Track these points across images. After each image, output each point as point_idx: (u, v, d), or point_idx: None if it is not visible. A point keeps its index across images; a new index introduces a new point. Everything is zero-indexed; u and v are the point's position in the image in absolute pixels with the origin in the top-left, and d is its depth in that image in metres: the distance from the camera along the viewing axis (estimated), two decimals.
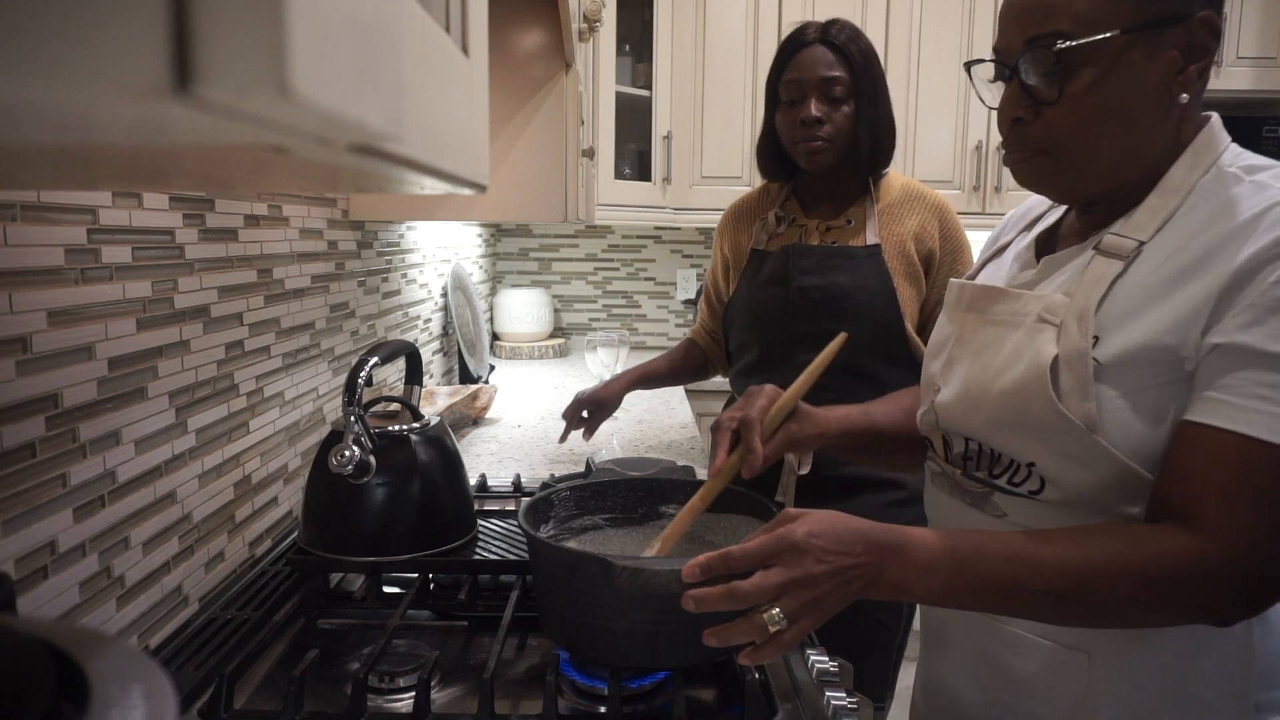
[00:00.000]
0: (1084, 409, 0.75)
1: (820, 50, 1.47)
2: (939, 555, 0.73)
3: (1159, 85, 0.75)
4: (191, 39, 0.17)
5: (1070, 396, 0.75)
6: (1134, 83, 0.75)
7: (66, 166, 0.34)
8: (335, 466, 0.98)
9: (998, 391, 0.81)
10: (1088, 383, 0.74)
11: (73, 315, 0.81)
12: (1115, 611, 0.72)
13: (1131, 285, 0.76)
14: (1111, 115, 0.76)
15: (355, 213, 1.58)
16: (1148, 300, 0.74)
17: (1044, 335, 0.78)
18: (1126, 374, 0.74)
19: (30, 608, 0.76)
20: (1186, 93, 0.76)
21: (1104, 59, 0.75)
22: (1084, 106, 0.76)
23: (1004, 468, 0.82)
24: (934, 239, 1.51)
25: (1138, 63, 0.75)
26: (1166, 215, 0.77)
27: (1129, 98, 0.76)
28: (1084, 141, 0.78)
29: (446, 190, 0.42)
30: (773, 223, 1.58)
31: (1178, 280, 0.73)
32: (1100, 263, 0.78)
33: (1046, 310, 0.79)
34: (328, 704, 0.88)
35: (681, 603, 0.72)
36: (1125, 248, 0.77)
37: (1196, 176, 0.77)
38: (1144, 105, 0.76)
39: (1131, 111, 0.76)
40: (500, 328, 3.04)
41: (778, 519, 0.74)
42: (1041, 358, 0.77)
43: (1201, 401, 0.71)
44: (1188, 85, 0.76)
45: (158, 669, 0.32)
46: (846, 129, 1.48)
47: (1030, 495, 0.80)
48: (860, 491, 1.50)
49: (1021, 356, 0.80)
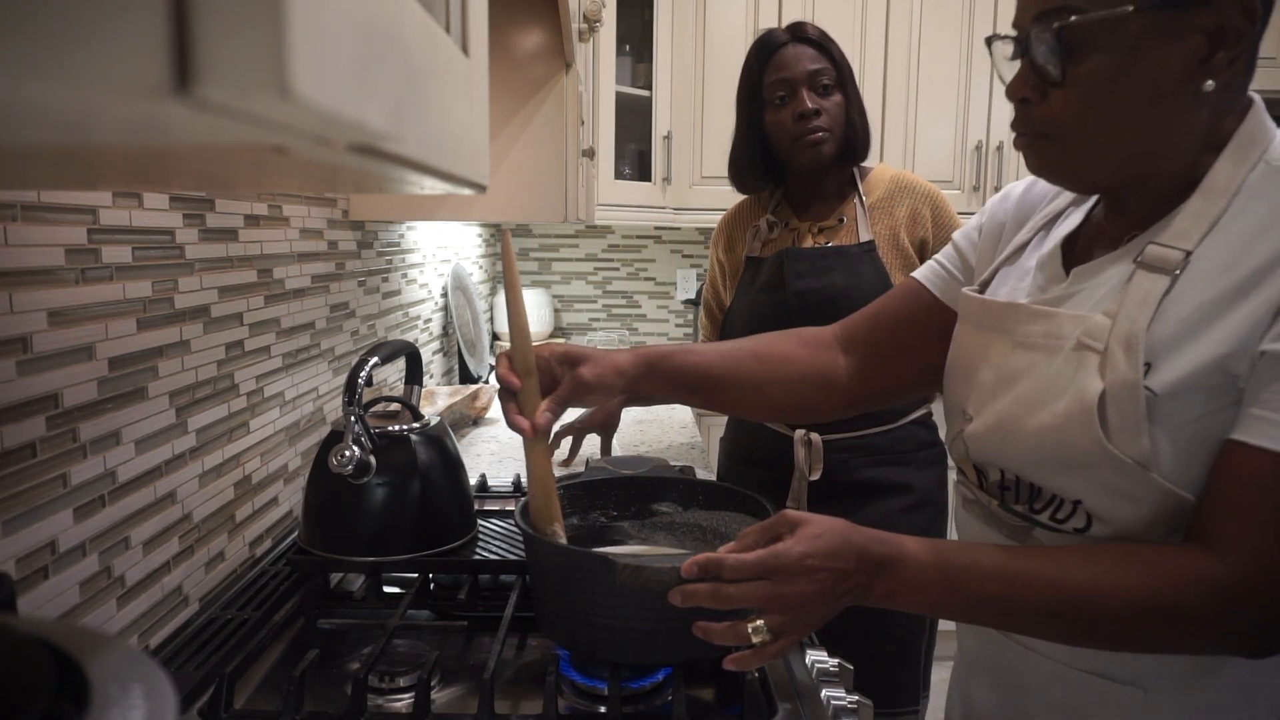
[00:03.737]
0: (1138, 446, 0.67)
1: (798, 48, 1.50)
2: (930, 571, 0.71)
3: (1179, 72, 0.66)
4: (191, 39, 0.17)
5: (1120, 433, 0.67)
6: (1149, 67, 0.67)
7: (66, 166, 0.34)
8: (335, 466, 0.98)
9: (1036, 427, 0.73)
10: (1140, 418, 0.66)
11: (73, 315, 0.81)
12: (1120, 637, 0.68)
13: (1182, 303, 0.67)
14: (1120, 102, 0.68)
15: (355, 213, 1.58)
16: (1202, 320, 0.66)
17: (1087, 366, 0.70)
18: (1184, 403, 0.66)
19: (30, 608, 0.76)
20: (1212, 81, 0.66)
21: (1114, 39, 0.67)
22: (1090, 90, 0.69)
23: (1045, 502, 0.75)
24: (926, 227, 1.50)
25: (1154, 45, 0.66)
26: (1212, 219, 0.68)
27: (1142, 84, 0.67)
28: (1088, 128, 0.70)
29: (446, 190, 0.42)
30: (765, 229, 1.58)
31: (1235, 295, 0.65)
32: (1144, 278, 0.69)
33: (1087, 334, 0.70)
34: (328, 704, 0.88)
35: (669, 597, 0.74)
36: (1171, 260, 0.68)
37: (1244, 173, 0.69)
38: (1160, 94, 0.67)
39: (1144, 100, 0.68)
40: (500, 328, 3.03)
41: (776, 519, 0.74)
42: (1087, 394, 0.68)
43: (1241, 416, 0.65)
44: (1214, 73, 0.66)
45: (158, 669, 0.32)
46: (840, 117, 1.50)
47: (1076, 533, 0.73)
48: (872, 497, 1.50)
49: (1062, 390, 0.71)
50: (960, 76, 2.80)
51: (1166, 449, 0.67)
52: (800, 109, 1.47)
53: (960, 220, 1.53)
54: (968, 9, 2.77)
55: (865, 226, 1.51)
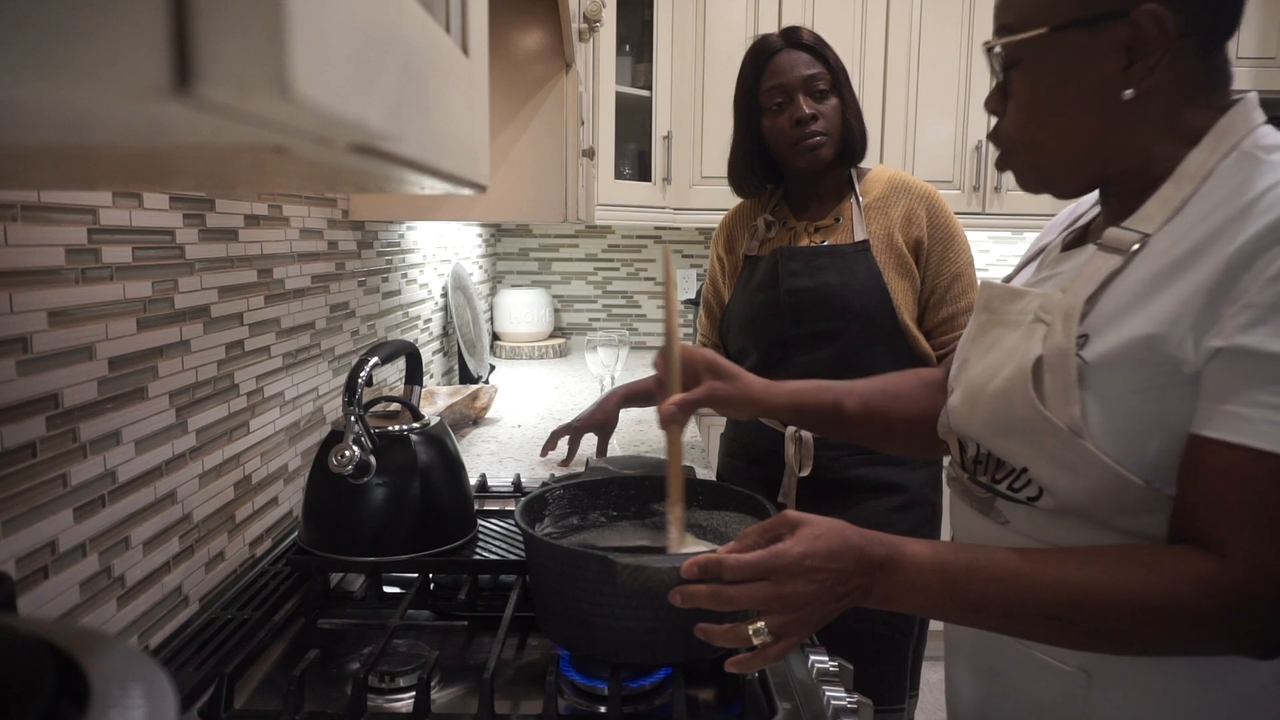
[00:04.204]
0: (1068, 412, 0.71)
1: (793, 53, 1.51)
2: (928, 574, 0.71)
3: (1100, 82, 0.73)
4: (191, 39, 0.17)
5: (1054, 399, 0.72)
6: (1071, 80, 0.74)
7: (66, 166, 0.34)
8: (335, 466, 0.98)
9: (990, 393, 0.79)
10: (1071, 385, 0.71)
11: (73, 315, 0.81)
12: (1121, 639, 0.68)
13: (1129, 280, 0.72)
14: (1049, 111, 0.76)
15: (355, 213, 1.58)
16: (1140, 296, 0.70)
17: (1036, 335, 0.76)
18: (1115, 375, 0.70)
19: (31, 608, 0.76)
20: (1132, 90, 0.72)
21: (1039, 54, 0.75)
22: (1026, 102, 0.77)
23: (1005, 473, 0.80)
24: (921, 227, 1.50)
25: (1073, 58, 0.73)
26: (1178, 204, 0.71)
27: (1068, 95, 0.75)
28: (1030, 136, 0.78)
29: (446, 190, 0.42)
30: (763, 228, 1.60)
31: (1171, 272, 0.69)
32: (1099, 258, 0.75)
33: (1042, 309, 0.76)
34: (328, 704, 0.88)
35: (669, 597, 0.74)
36: (1126, 241, 0.73)
37: (1215, 160, 0.71)
38: (1088, 102, 0.74)
39: (1075, 108, 0.75)
40: (500, 328, 3.04)
41: (777, 520, 0.74)
42: (1026, 358, 0.75)
43: (1206, 413, 0.66)
44: (1133, 83, 0.72)
45: (158, 669, 0.32)
46: (837, 120, 1.51)
47: (1029, 502, 0.77)
48: (862, 496, 1.50)
49: (1013, 357, 0.77)
50: (960, 76, 2.80)
51: (1097, 419, 0.70)
52: (797, 114, 1.48)
53: (957, 220, 1.54)
54: (968, 9, 2.77)
55: (860, 226, 1.51)
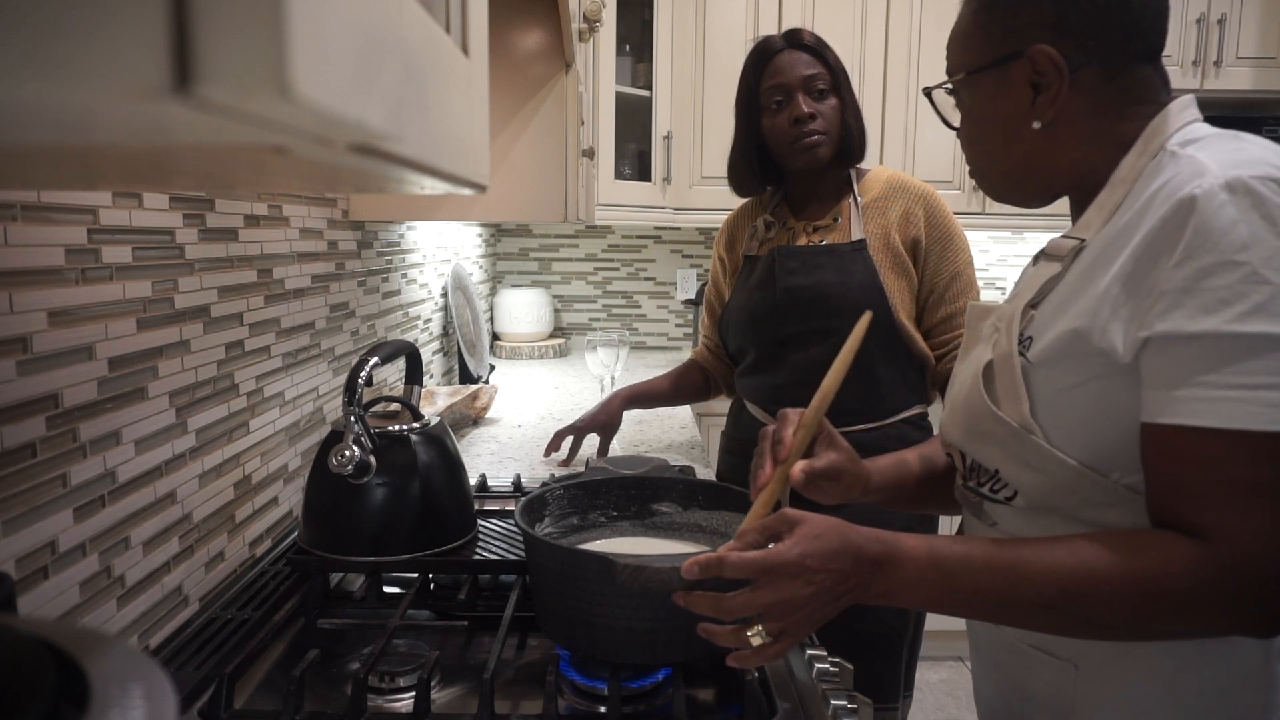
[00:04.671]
0: (1018, 410, 0.76)
1: (793, 54, 1.52)
2: (925, 569, 0.72)
3: (1015, 115, 0.81)
4: (191, 39, 0.17)
5: (1005, 400, 0.78)
6: (989, 115, 0.84)
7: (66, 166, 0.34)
8: (335, 466, 0.98)
9: (959, 401, 0.86)
10: (1017, 384, 0.76)
11: (73, 315, 0.81)
12: (1117, 624, 0.69)
13: (1065, 284, 0.77)
14: (978, 142, 0.87)
15: (355, 213, 1.58)
16: (1071, 294, 0.75)
17: (989, 343, 0.82)
18: (1053, 371, 0.74)
19: (31, 608, 0.76)
20: (1040, 121, 0.80)
21: (966, 95, 0.87)
22: (963, 135, 0.89)
23: (986, 476, 0.84)
24: (919, 227, 1.51)
25: (989, 98, 0.84)
26: (1112, 209, 0.76)
27: (988, 127, 0.85)
28: (975, 159, 0.89)
29: (446, 190, 0.42)
30: (763, 228, 1.61)
31: (1093, 269, 0.73)
32: (1043, 267, 0.81)
33: (999, 319, 0.82)
34: (328, 704, 0.88)
35: (674, 598, 0.75)
36: (1064, 248, 0.79)
37: (1144, 163, 0.76)
38: (1006, 132, 0.83)
39: (996, 138, 0.85)
40: (500, 328, 3.04)
41: (776, 518, 0.74)
42: (979, 365, 0.81)
43: (1150, 400, 0.68)
44: (1040, 115, 0.80)
45: (158, 669, 0.32)
46: (836, 121, 1.52)
47: (1007, 502, 0.81)
48: None
49: (973, 366, 0.84)
50: None
51: (1045, 415, 0.75)
52: (796, 113, 1.49)
53: (955, 220, 1.54)
54: None
55: (858, 226, 1.52)
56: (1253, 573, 0.64)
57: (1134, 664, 0.75)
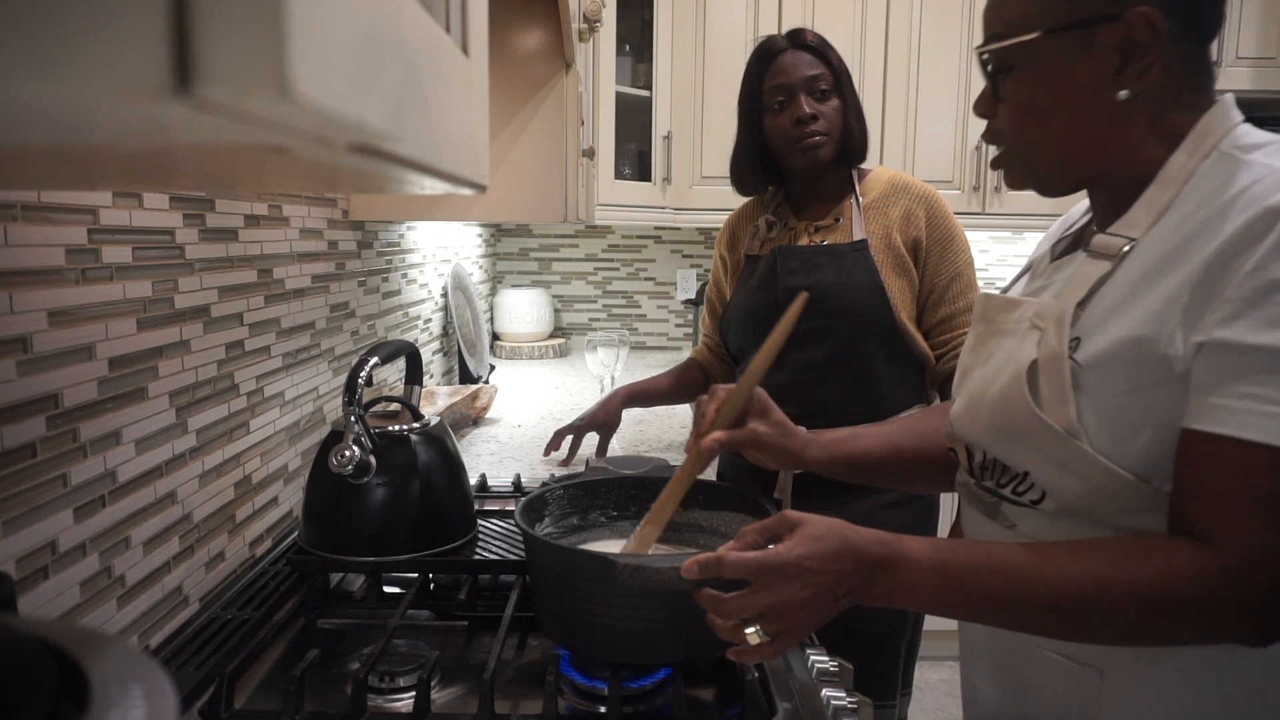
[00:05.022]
0: (1064, 414, 0.72)
1: (796, 54, 1.53)
2: (928, 571, 0.72)
3: (1094, 84, 0.74)
4: (191, 39, 0.17)
5: (1050, 402, 0.74)
6: (1064, 83, 0.75)
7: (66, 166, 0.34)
8: (335, 466, 0.98)
9: (990, 399, 0.81)
10: (1065, 387, 0.72)
11: (73, 315, 0.81)
12: (1119, 629, 0.69)
13: (1117, 285, 0.73)
14: (1042, 114, 0.78)
15: (355, 213, 1.58)
16: (1127, 297, 0.72)
17: (1029, 340, 0.77)
18: (1107, 376, 0.71)
19: (31, 608, 0.76)
20: (1127, 91, 0.73)
21: (1031, 59, 0.76)
22: (1017, 105, 0.79)
23: (1009, 477, 0.80)
24: (920, 227, 1.51)
25: (1066, 62, 0.75)
26: (1162, 208, 0.73)
27: (1059, 97, 0.76)
28: (1024, 137, 0.80)
29: (446, 190, 0.42)
30: (764, 228, 1.61)
31: (1156, 273, 0.70)
32: (1088, 264, 0.77)
33: (1036, 315, 0.78)
34: (328, 704, 0.88)
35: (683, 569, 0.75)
36: (1114, 246, 0.75)
37: (1195, 163, 0.73)
38: (1079, 104, 0.76)
39: (1066, 110, 0.76)
40: (500, 328, 3.04)
41: (776, 520, 0.74)
42: (1021, 363, 0.77)
43: (1193, 407, 0.67)
44: (1127, 84, 0.73)
45: (158, 669, 0.32)
46: (838, 121, 1.52)
47: (1032, 505, 0.78)
48: (857, 492, 1.50)
49: (1010, 363, 0.79)
50: (960, 77, 2.80)
51: (1091, 419, 0.72)
52: (798, 113, 1.49)
53: (956, 221, 1.54)
54: (968, 9, 2.77)
55: (859, 226, 1.52)
56: (1254, 579, 0.64)
57: (1164, 669, 0.73)
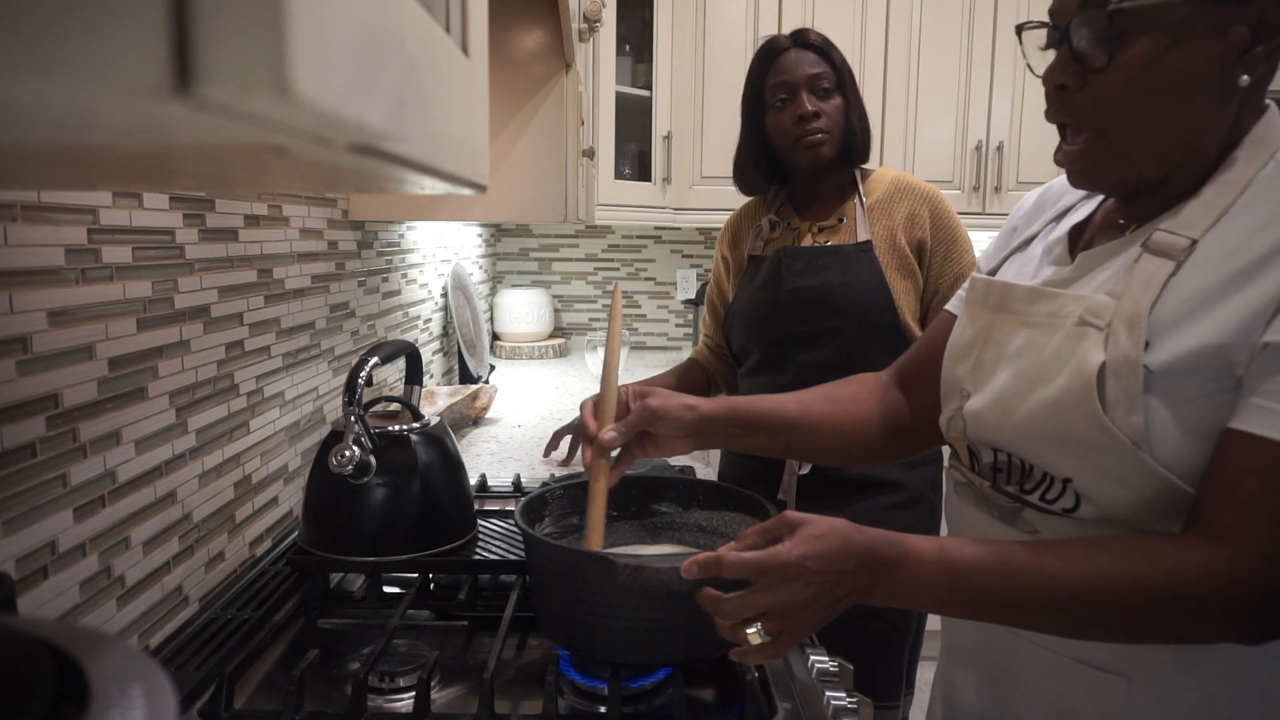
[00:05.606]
0: (1131, 422, 0.69)
1: (799, 52, 1.53)
2: (934, 571, 0.71)
3: (1219, 63, 0.68)
4: (191, 39, 0.17)
5: (1116, 408, 0.69)
6: (1191, 56, 0.68)
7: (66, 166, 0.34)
8: (335, 466, 0.98)
9: (1036, 401, 0.75)
10: (1136, 394, 0.68)
11: (73, 315, 0.81)
12: (1128, 628, 0.68)
13: (1185, 287, 0.69)
14: (1163, 91, 0.70)
15: (355, 213, 1.58)
16: (1205, 303, 0.68)
17: (1089, 341, 0.72)
18: (1178, 383, 0.68)
19: (31, 608, 0.76)
20: (1249, 75, 0.69)
21: (1163, 26, 0.69)
22: (1134, 76, 0.70)
23: (1036, 482, 0.77)
24: (924, 228, 1.51)
25: (1199, 34, 0.68)
26: (1221, 210, 0.71)
27: (1185, 73, 0.69)
28: (1130, 116, 0.72)
29: (446, 190, 0.42)
30: (767, 228, 1.61)
31: (1237, 281, 0.67)
32: (1150, 262, 0.72)
33: (1090, 312, 0.73)
34: (328, 704, 0.88)
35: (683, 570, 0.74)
36: (1177, 246, 0.71)
37: (1254, 170, 0.71)
38: (1202, 84, 0.69)
39: (1187, 89, 0.70)
40: (500, 328, 3.04)
41: (777, 520, 0.74)
42: (1087, 366, 0.71)
43: (1242, 406, 0.66)
44: (1252, 67, 0.69)
45: (158, 669, 0.32)
46: (840, 120, 1.52)
47: (1065, 513, 0.75)
48: (861, 493, 1.50)
49: (1064, 364, 0.73)
50: (960, 76, 2.80)
51: (1159, 429, 0.69)
52: (800, 111, 1.49)
53: (960, 222, 1.54)
54: (968, 9, 2.77)
55: (864, 227, 1.52)
56: (1264, 579, 0.64)
57: (1192, 673, 0.72)
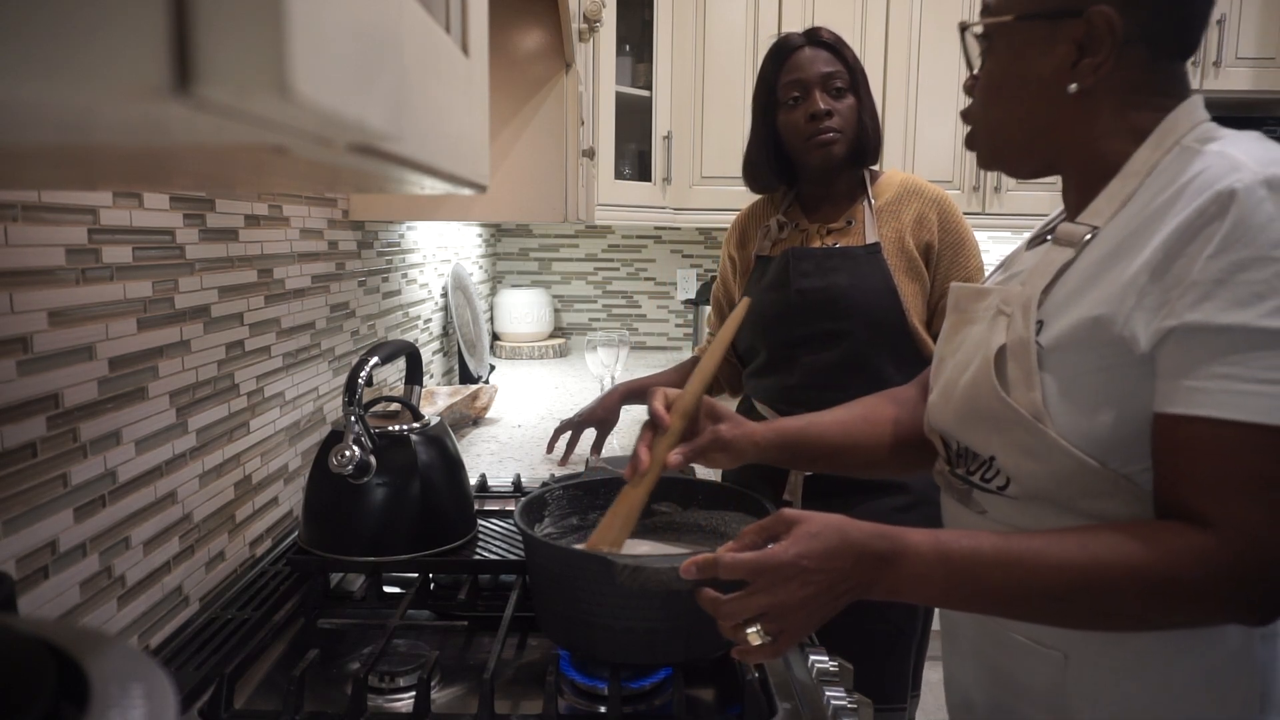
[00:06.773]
0: (1029, 398, 0.75)
1: (813, 50, 1.52)
2: (933, 565, 0.71)
3: (1052, 73, 0.78)
4: (191, 39, 0.17)
5: (1016, 386, 0.76)
6: (1026, 68, 0.79)
7: (66, 166, 0.34)
8: (335, 466, 0.98)
9: (960, 386, 0.83)
10: (1031, 371, 0.75)
11: (73, 315, 0.81)
12: (1126, 615, 0.70)
13: (1077, 270, 0.76)
14: (1002, 97, 0.82)
15: (355, 213, 1.58)
16: (1087, 281, 0.74)
17: (997, 327, 0.80)
18: (1067, 358, 0.73)
19: (31, 608, 0.76)
20: (1079, 84, 0.77)
21: (1002, 43, 0.81)
22: (987, 85, 0.83)
23: (978, 464, 0.82)
24: (932, 231, 1.51)
25: (1030, 50, 0.79)
26: (1124, 200, 0.76)
27: (1022, 82, 0.80)
28: (989, 117, 0.84)
29: (446, 190, 0.42)
30: (775, 229, 1.60)
31: (1114, 257, 0.73)
32: (1054, 251, 0.79)
33: (1004, 302, 0.80)
34: (328, 704, 0.88)
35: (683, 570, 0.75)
36: (1077, 234, 0.78)
37: (1158, 157, 0.76)
38: (1035, 92, 0.79)
39: (1026, 95, 0.80)
40: (500, 328, 3.04)
41: (774, 519, 0.74)
42: (989, 348, 0.79)
43: (1166, 391, 0.68)
44: (1080, 78, 0.76)
45: (158, 669, 0.32)
46: (852, 119, 1.52)
47: (999, 491, 0.80)
48: (866, 494, 1.50)
49: (978, 350, 0.81)
50: (960, 76, 2.79)
51: (1055, 402, 0.74)
52: (812, 109, 1.49)
53: (968, 225, 1.54)
54: (968, 10, 2.77)
55: (872, 229, 1.52)
56: (1257, 559, 0.65)
57: (1125, 652, 0.76)
